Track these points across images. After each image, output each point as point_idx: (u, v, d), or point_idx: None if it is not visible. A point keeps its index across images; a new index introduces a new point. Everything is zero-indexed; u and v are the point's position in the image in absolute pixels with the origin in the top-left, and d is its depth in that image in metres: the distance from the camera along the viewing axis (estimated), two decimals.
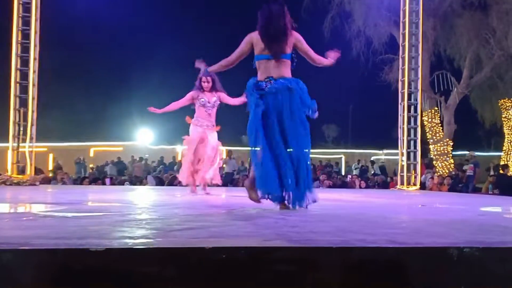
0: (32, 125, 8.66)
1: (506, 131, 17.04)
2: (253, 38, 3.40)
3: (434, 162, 15.40)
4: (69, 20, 17.67)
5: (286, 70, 3.37)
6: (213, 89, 5.52)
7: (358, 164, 16.86)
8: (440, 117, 16.08)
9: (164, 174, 12.45)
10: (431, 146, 16.03)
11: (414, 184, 10.05)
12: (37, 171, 10.38)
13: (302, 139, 3.30)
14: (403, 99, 10.11)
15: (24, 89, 8.67)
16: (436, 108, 16.09)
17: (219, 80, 5.57)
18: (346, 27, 15.70)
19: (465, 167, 12.55)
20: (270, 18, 3.31)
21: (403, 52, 10.23)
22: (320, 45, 3.63)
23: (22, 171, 8.68)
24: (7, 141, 8.75)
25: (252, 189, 3.45)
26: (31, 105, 8.64)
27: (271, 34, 3.31)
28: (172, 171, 12.83)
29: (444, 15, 15.03)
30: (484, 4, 14.67)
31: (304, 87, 3.38)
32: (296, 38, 3.39)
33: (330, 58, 3.55)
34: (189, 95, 5.56)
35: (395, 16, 12.43)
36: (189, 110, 5.75)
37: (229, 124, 7.78)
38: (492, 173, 12.56)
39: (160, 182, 11.13)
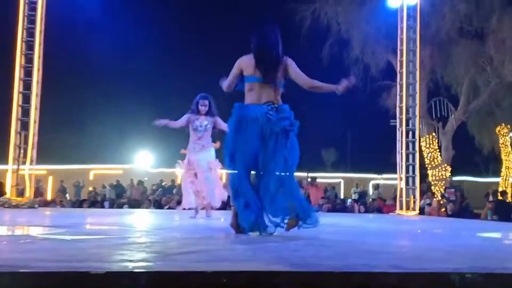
0: (33, 148, 8.66)
1: (503, 157, 17.08)
2: (242, 63, 3.34)
3: (432, 187, 15.35)
4: (70, 44, 18.00)
5: (278, 96, 3.31)
6: (208, 113, 5.61)
7: (357, 188, 16.81)
8: (438, 142, 16.15)
9: (163, 198, 12.36)
10: (429, 172, 16.03)
11: (413, 209, 10.00)
12: (37, 193, 10.33)
13: (290, 165, 3.16)
14: (401, 125, 10.18)
15: (25, 112, 8.71)
16: (434, 134, 16.17)
17: (215, 105, 5.64)
18: (345, 54, 15.94)
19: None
20: (265, 45, 3.28)
21: (401, 79, 10.37)
22: (318, 72, 3.62)
23: (21, 193, 8.62)
24: (7, 163, 8.73)
25: (240, 229, 3.22)
26: (33, 128, 8.67)
27: (267, 63, 3.26)
28: (170, 195, 12.74)
29: (441, 43, 15.30)
30: (481, 33, 14.95)
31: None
32: (287, 63, 3.32)
33: (339, 86, 3.21)
34: (186, 116, 5.65)
35: (392, 43, 12.63)
36: (185, 142, 5.78)
37: None
38: (491, 199, 12.51)
39: (158, 205, 11.05)
